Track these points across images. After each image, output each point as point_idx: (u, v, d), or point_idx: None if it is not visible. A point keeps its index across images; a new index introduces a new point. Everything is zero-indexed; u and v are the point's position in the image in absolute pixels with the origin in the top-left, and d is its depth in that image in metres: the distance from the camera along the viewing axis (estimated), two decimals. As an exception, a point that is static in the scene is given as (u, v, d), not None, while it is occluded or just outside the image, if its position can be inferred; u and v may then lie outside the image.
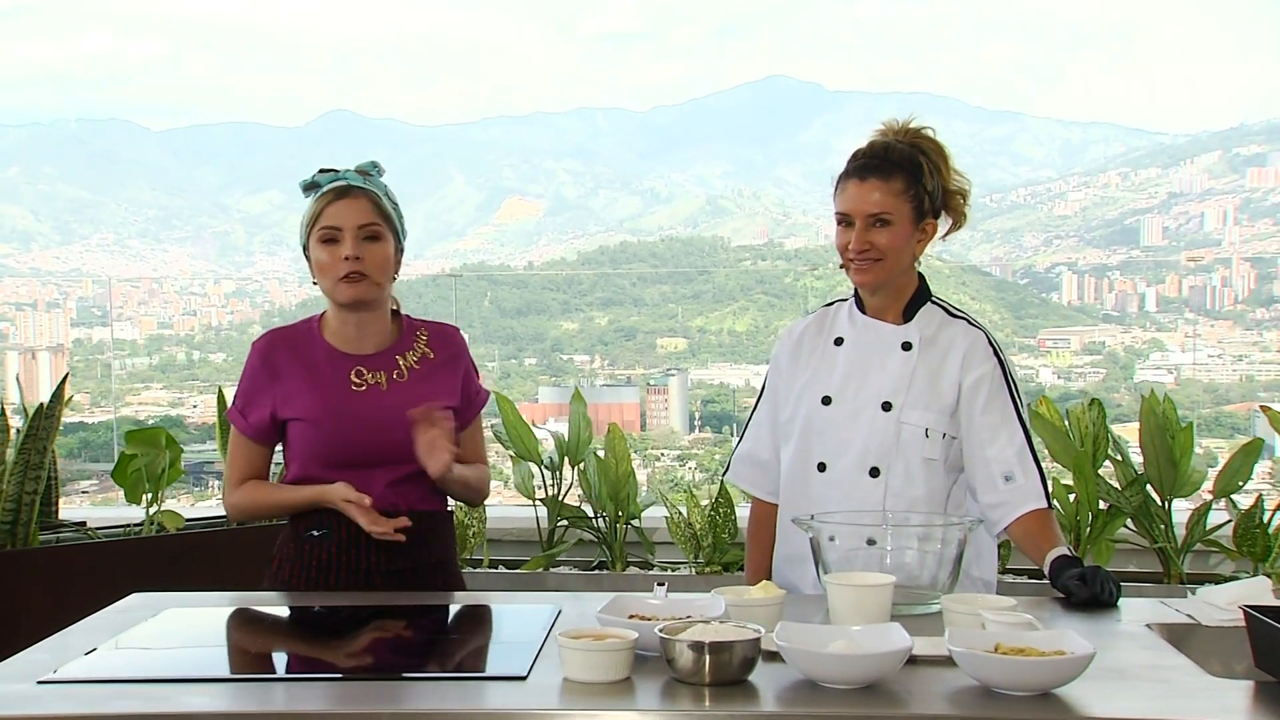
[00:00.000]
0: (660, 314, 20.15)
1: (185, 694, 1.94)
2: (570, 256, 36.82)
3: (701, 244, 30.75)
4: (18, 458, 3.77)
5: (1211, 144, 38.73)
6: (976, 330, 2.73)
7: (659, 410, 15.11)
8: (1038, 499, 2.62)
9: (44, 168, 53.01)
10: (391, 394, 2.71)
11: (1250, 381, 14.46)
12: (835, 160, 2.77)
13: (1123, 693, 1.88)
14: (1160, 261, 26.70)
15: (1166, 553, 4.48)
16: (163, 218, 47.72)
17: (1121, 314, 21.36)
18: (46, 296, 21.28)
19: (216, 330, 20.89)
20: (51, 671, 2.03)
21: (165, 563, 3.91)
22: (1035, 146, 63.47)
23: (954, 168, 2.75)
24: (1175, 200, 34.60)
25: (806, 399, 2.78)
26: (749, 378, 18.50)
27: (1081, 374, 15.93)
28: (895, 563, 2.40)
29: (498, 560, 4.99)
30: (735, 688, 1.90)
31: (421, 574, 2.73)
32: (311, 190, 2.74)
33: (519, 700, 1.89)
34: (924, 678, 1.94)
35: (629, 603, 2.20)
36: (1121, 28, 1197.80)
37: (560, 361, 18.42)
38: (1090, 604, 2.39)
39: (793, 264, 23.91)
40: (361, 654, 2.23)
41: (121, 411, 10.56)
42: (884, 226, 2.67)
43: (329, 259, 2.67)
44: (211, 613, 2.52)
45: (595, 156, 64.11)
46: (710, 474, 12.80)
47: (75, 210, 48.04)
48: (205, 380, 18.04)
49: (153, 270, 38.99)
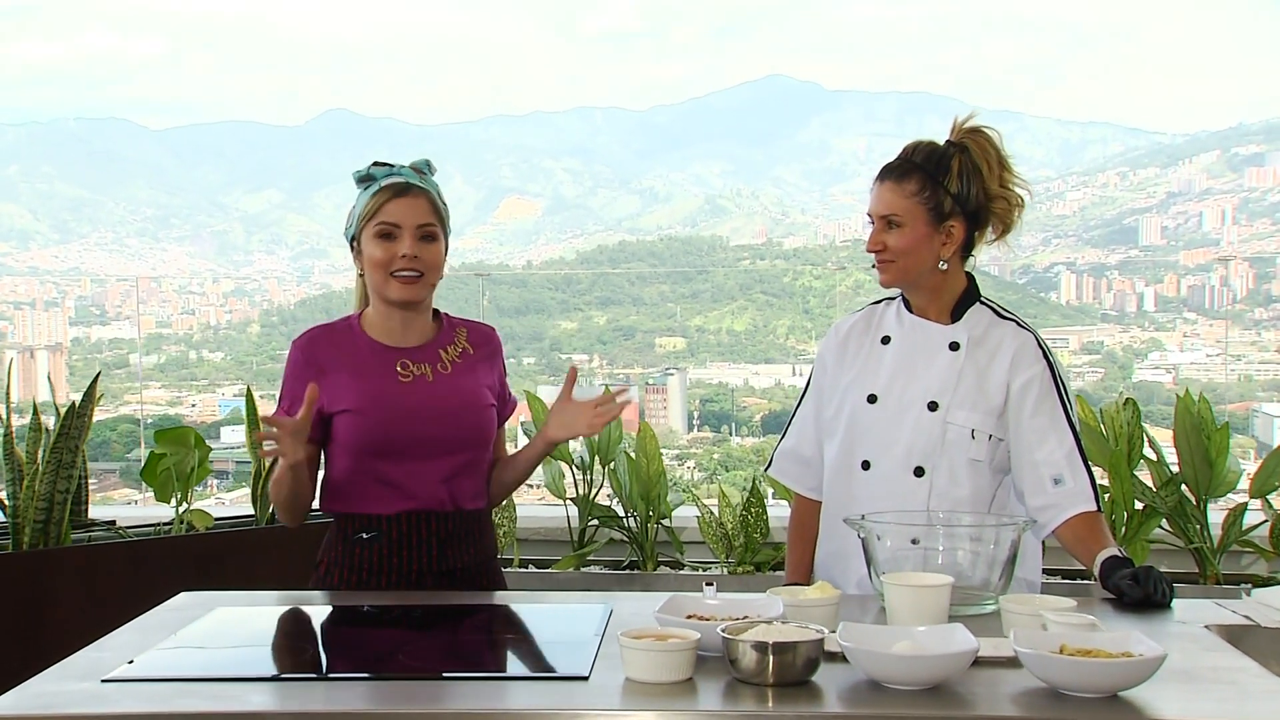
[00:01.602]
0: (659, 313, 20.18)
1: (249, 692, 1.94)
2: (569, 256, 36.85)
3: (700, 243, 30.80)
4: (50, 457, 3.76)
5: (1210, 144, 38.79)
6: (1026, 332, 2.73)
7: (658, 409, 15.12)
8: (1087, 501, 2.61)
9: (43, 166, 52.98)
10: (438, 384, 2.71)
11: (1248, 381, 14.47)
12: (834, 160, 2.80)
13: (1193, 695, 1.87)
14: (1159, 261, 26.74)
15: (1202, 553, 4.48)
16: (161, 216, 47.71)
17: (1120, 313, 21.40)
18: (45, 295, 21.29)
19: (215, 329, 20.90)
20: (114, 670, 2.03)
21: (196, 561, 3.90)
22: (1034, 146, 63.46)
23: (1008, 173, 2.73)
24: (1174, 200, 34.64)
25: (852, 396, 2.78)
26: (747, 377, 18.53)
27: (1080, 373, 15.95)
28: (947, 563, 2.39)
29: (528, 560, 4.99)
30: (798, 688, 1.90)
31: (470, 573, 2.73)
32: (367, 183, 2.73)
33: (583, 700, 1.89)
34: (987, 679, 1.94)
35: (685, 603, 2.20)
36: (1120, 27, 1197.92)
37: (559, 360, 18.41)
38: (1143, 604, 2.38)
39: (791, 263, 23.93)
40: (418, 654, 2.23)
41: (120, 411, 10.55)
42: (896, 228, 2.68)
43: (385, 255, 2.66)
44: (263, 611, 2.52)
45: (594, 156, 64.10)
46: (709, 473, 12.81)
47: (74, 209, 48.01)
48: (204, 379, 18.05)
49: (151, 269, 38.97)
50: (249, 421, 4.17)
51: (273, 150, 66.71)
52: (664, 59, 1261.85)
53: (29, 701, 1.90)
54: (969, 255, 2.79)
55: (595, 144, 74.25)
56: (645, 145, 76.04)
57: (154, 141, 68.13)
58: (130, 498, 7.64)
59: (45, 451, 3.78)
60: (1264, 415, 10.89)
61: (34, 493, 3.74)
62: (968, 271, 2.80)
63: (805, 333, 18.92)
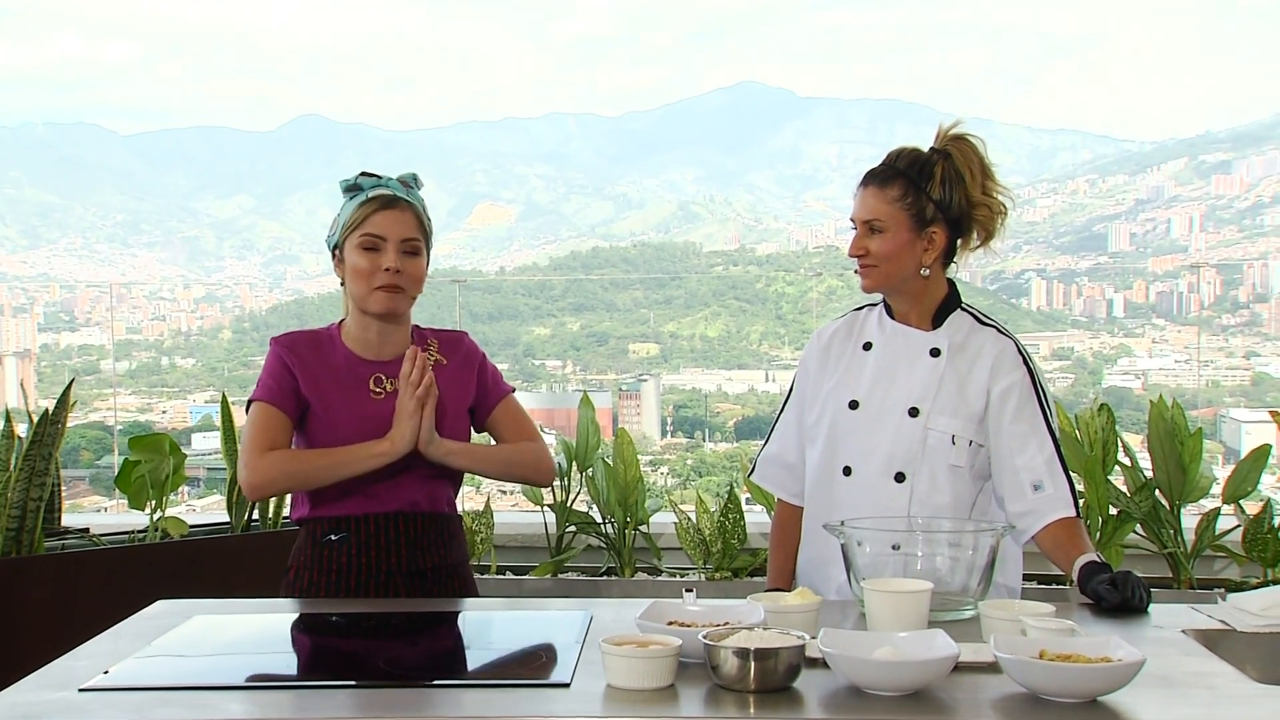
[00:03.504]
0: (632, 319, 20.21)
1: (227, 701, 1.93)
2: (542, 262, 36.88)
3: (673, 249, 30.88)
4: (23, 465, 3.73)
5: (1178, 151, 39.12)
6: (1007, 339, 2.74)
7: (631, 415, 15.14)
8: (1066, 507, 2.62)
9: (10, 171, 52.64)
10: None
11: (1216, 386, 14.60)
12: (806, 166, 2.82)
13: (1171, 700, 1.88)
14: (1127, 268, 26.93)
15: (1176, 558, 4.51)
16: (131, 222, 47.48)
17: (1090, 319, 21.53)
18: (13, 301, 21.12)
19: (186, 335, 20.80)
20: (91, 679, 2.01)
21: (171, 569, 3.88)
22: (1004, 153, 63.87)
23: (991, 180, 2.74)
24: (1142, 207, 34.92)
25: (834, 402, 2.79)
26: (721, 383, 18.56)
27: (1050, 379, 16.04)
28: (926, 568, 2.40)
29: (505, 566, 4.98)
30: (780, 694, 1.90)
31: (440, 576, 2.75)
32: (353, 192, 2.74)
33: (565, 707, 1.88)
34: (967, 684, 1.94)
35: (666, 609, 2.19)
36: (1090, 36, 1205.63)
37: (532, 366, 18.41)
38: (1120, 609, 2.39)
39: (764, 269, 24.00)
40: (398, 661, 2.22)
41: (89, 417, 10.47)
42: (878, 233, 2.69)
43: (368, 266, 2.67)
44: (241, 619, 2.50)
45: (567, 162, 64.15)
46: (683, 479, 12.81)
47: (42, 214, 47.72)
48: (174, 385, 17.95)
49: (121, 275, 38.78)
50: (224, 429, 4.15)
51: (244, 156, 66.44)
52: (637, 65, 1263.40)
53: (4, 711, 1.89)
54: (951, 262, 2.80)
55: (568, 150, 74.31)
56: (619, 151, 76.10)
57: (124, 147, 67.80)
58: (100, 505, 7.59)
59: (18, 459, 3.76)
60: (1231, 420, 10.99)
61: (6, 500, 3.71)
62: (950, 278, 2.82)
63: (778, 338, 18.97)
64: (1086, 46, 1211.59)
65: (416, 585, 2.70)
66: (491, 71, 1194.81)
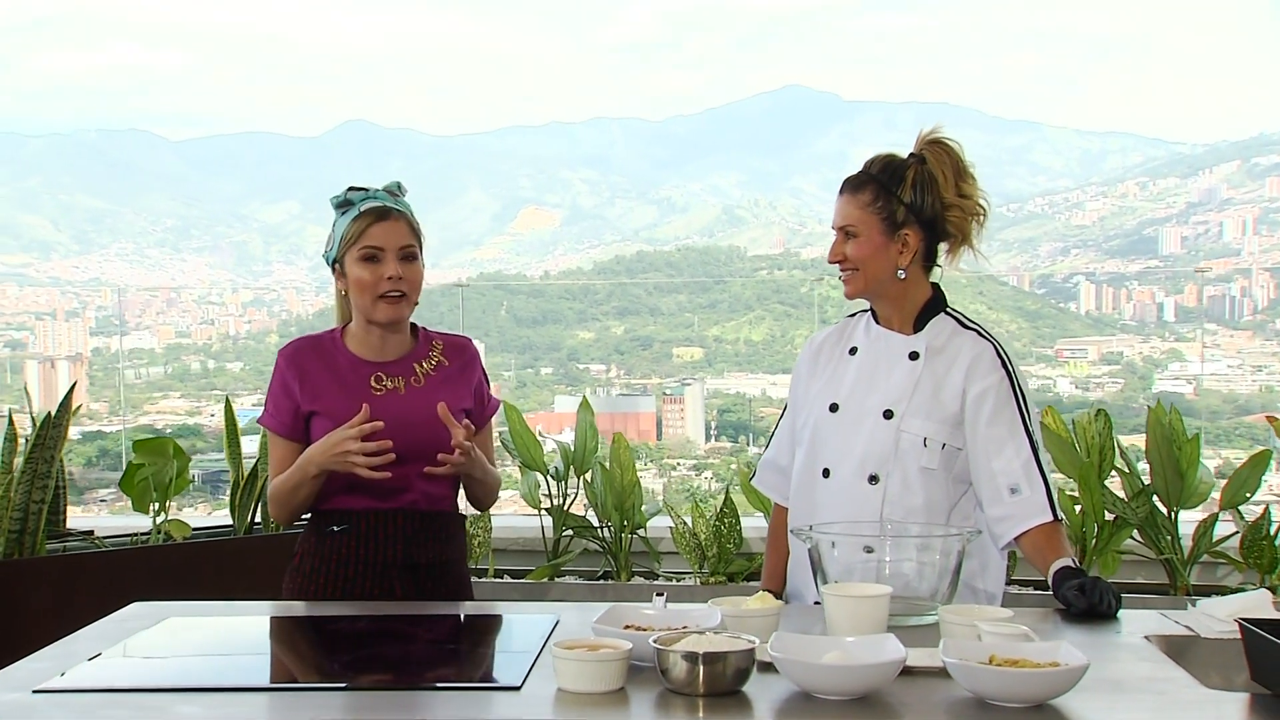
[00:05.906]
0: (676, 323, 20.16)
1: (179, 703, 1.94)
2: (586, 266, 36.90)
3: (717, 253, 30.78)
4: (25, 467, 3.78)
5: (1230, 154, 38.59)
6: (985, 341, 2.72)
7: (675, 419, 15.11)
8: (1043, 513, 2.59)
9: (63, 178, 53.35)
10: (409, 397, 2.81)
11: (1269, 392, 14.41)
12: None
13: (1118, 705, 1.87)
14: (1179, 271, 26.62)
15: (1173, 564, 4.47)
16: (181, 227, 47.97)
17: (1140, 324, 21.27)
18: (65, 306, 21.40)
19: (234, 339, 20.96)
20: (49, 680, 2.04)
21: (172, 572, 3.92)
22: (1053, 156, 63.39)
23: (966, 183, 2.73)
24: (1194, 210, 34.49)
25: (817, 406, 2.80)
26: (765, 387, 18.47)
27: (1100, 384, 15.90)
28: (894, 573, 2.39)
29: (503, 570, 4.99)
30: (729, 699, 1.90)
31: (436, 571, 2.82)
32: (345, 208, 2.83)
33: (513, 710, 1.89)
34: (919, 689, 1.94)
35: (625, 613, 2.20)
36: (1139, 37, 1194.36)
37: (576, 371, 18.41)
38: (1088, 614, 2.38)
39: (808, 273, 23.90)
40: (361, 664, 2.23)
41: (140, 420, 10.59)
42: (853, 238, 2.72)
43: (372, 277, 2.76)
44: (213, 622, 2.53)
45: (611, 166, 64.22)
46: (727, 483, 12.79)
47: (94, 220, 48.32)
48: (223, 389, 18.09)
49: (170, 280, 39.17)
50: (227, 432, 4.19)
51: (291, 161, 67.04)
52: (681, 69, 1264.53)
53: (-42, 711, 1.91)
54: (932, 265, 2.79)
55: (613, 154, 74.38)
56: (662, 155, 76.12)
57: (174, 153, 68.58)
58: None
59: (21, 461, 3.80)
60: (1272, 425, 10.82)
61: (9, 502, 3.76)
62: (934, 283, 2.81)
63: (822, 343, 18.82)
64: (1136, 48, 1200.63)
65: (411, 579, 2.78)
66: (536, 76, 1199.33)
